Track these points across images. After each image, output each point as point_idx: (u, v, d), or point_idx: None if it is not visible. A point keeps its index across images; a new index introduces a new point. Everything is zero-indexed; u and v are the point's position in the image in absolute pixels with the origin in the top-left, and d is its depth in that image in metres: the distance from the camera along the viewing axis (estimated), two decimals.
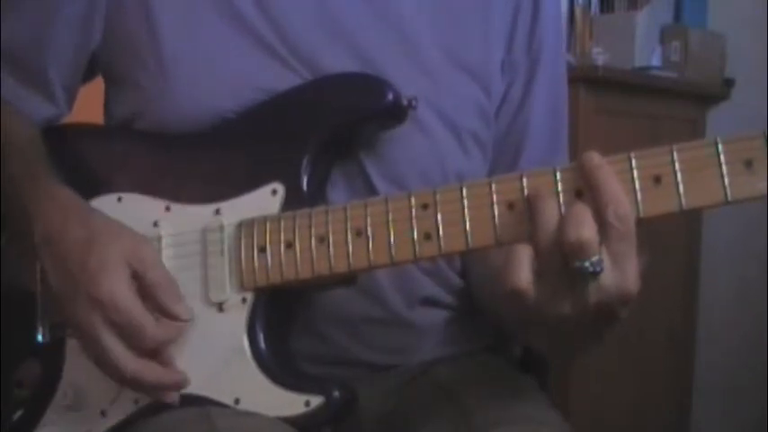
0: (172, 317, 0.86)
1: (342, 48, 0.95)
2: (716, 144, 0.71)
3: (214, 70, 0.95)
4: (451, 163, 0.98)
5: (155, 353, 0.86)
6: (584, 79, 2.16)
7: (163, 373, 0.86)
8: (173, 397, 0.87)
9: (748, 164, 0.70)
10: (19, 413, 0.94)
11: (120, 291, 0.84)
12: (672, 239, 2.37)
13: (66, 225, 0.87)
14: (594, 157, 0.73)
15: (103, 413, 0.90)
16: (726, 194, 0.70)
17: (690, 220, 2.47)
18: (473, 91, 1.00)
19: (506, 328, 0.99)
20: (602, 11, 2.54)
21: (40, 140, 0.99)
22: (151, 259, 0.87)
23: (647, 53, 2.41)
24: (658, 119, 2.40)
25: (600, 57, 2.33)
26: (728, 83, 2.58)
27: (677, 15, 2.55)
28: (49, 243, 0.88)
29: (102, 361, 0.86)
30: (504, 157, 1.03)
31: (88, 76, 1.06)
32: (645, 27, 2.42)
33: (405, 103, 0.90)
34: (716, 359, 2.59)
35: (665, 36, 2.48)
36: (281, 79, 0.94)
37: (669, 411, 2.53)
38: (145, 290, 0.85)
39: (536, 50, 1.03)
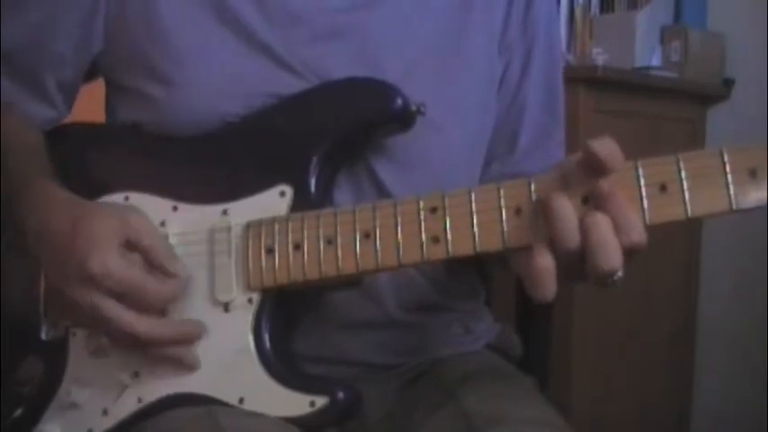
0: (170, 275, 0.87)
1: (346, 49, 0.95)
2: (721, 154, 0.72)
3: (222, 76, 0.95)
4: (458, 158, 0.99)
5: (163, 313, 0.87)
6: (584, 79, 2.15)
7: (179, 324, 0.87)
8: (192, 355, 0.87)
9: (753, 173, 0.71)
10: (19, 411, 0.94)
11: (111, 259, 0.84)
12: (672, 240, 2.37)
13: (54, 217, 0.88)
14: (605, 185, 0.74)
15: (105, 412, 0.90)
16: (731, 203, 0.72)
17: (690, 221, 2.46)
18: (478, 84, 1.01)
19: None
20: (602, 11, 2.53)
21: (37, 143, 0.99)
22: (143, 226, 0.88)
23: (647, 53, 2.41)
24: (658, 119, 2.39)
25: (600, 57, 2.33)
26: (728, 83, 2.57)
27: (677, 15, 2.54)
28: (40, 238, 0.88)
29: (113, 332, 0.86)
30: (503, 137, 1.04)
31: (89, 77, 1.06)
32: (645, 27, 2.42)
33: (413, 109, 0.91)
34: (716, 359, 2.59)
35: (665, 36, 2.47)
36: (288, 84, 0.94)
37: (669, 411, 2.53)
38: (142, 255, 0.86)
39: (531, 31, 1.04)
